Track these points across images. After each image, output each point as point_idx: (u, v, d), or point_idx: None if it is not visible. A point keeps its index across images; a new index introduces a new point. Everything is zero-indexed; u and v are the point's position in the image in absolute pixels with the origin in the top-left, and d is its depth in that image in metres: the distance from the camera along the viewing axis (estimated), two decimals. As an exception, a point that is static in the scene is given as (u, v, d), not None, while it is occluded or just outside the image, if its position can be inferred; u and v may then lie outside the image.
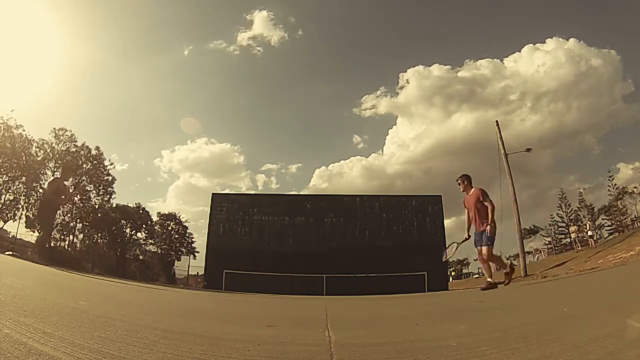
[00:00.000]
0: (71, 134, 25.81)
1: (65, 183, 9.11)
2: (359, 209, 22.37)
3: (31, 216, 25.94)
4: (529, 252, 36.78)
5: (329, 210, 22.16)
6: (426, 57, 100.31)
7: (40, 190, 25.20)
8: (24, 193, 25.01)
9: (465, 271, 54.66)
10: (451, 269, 47.49)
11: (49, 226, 7.56)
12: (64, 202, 7.64)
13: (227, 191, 48.54)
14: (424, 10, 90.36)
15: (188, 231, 33.04)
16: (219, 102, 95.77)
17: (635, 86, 60.54)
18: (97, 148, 26.67)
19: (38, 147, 24.96)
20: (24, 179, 24.46)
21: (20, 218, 25.55)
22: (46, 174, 25.26)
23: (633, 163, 36.86)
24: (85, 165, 26.14)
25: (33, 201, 25.58)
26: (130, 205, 29.65)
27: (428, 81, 77.35)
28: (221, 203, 22.95)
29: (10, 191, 24.57)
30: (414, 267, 19.10)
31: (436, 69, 77.00)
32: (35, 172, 24.63)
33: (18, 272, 3.68)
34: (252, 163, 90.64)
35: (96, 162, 26.51)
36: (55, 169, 25.13)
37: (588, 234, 19.93)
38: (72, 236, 27.71)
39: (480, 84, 75.46)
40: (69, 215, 26.49)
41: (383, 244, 20.90)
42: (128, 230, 29.54)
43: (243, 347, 1.18)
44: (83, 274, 7.49)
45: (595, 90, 66.12)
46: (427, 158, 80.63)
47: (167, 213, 32.98)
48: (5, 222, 25.15)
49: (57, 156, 25.03)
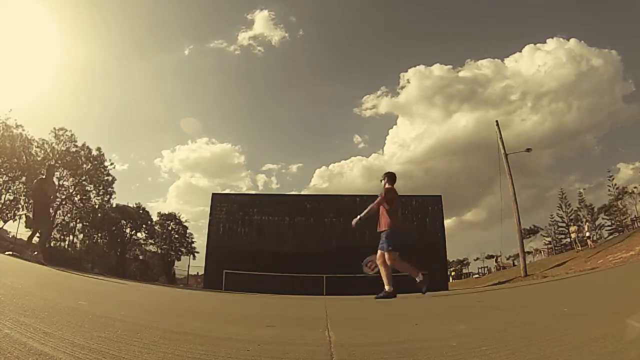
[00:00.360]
0: (71, 134, 25.83)
1: (54, 181, 9.04)
2: (359, 209, 22.01)
3: (31, 216, 25.96)
4: (529, 252, 36.79)
5: (329, 210, 22.14)
6: (427, 57, 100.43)
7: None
8: (24, 193, 25.01)
9: (465, 271, 54.72)
10: (451, 269, 47.51)
11: (44, 225, 7.49)
12: (53, 202, 7.52)
13: (228, 191, 48.59)
14: (425, 10, 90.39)
15: (188, 231, 33.09)
16: (220, 102, 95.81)
17: (635, 86, 60.58)
18: (98, 149, 26.69)
19: (38, 147, 24.97)
20: (24, 179, 24.47)
21: (20, 218, 25.56)
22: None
23: (633, 163, 36.88)
24: (85, 165, 26.15)
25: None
26: (130, 205, 29.69)
27: (429, 81, 77.40)
28: (221, 203, 22.94)
29: (10, 191, 24.58)
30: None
31: (437, 69, 77.06)
32: (35, 172, 24.63)
33: (18, 272, 3.68)
34: (253, 163, 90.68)
35: (96, 162, 26.52)
36: (55, 169, 25.14)
37: (586, 235, 19.93)
38: (72, 236, 27.74)
39: (481, 84, 75.49)
40: (69, 215, 26.51)
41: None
42: (128, 230, 29.55)
43: (243, 347, 1.18)
44: (83, 274, 7.49)
45: (595, 90, 66.14)
46: (428, 158, 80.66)
47: (167, 213, 33.01)
48: (5, 222, 25.15)
49: (57, 156, 25.04)
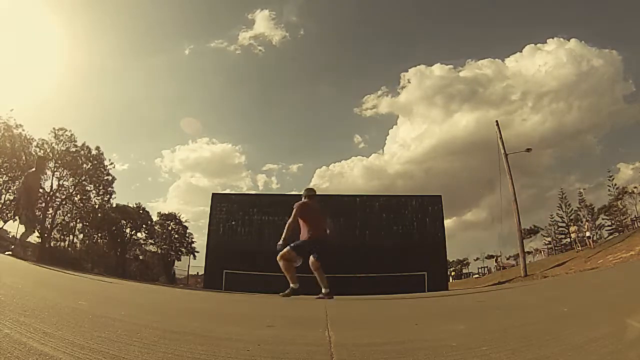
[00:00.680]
0: (71, 134, 25.80)
1: (41, 176, 9.01)
2: (359, 209, 22.35)
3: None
4: (529, 252, 36.80)
5: (329, 210, 22.15)
6: (428, 57, 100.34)
7: (41, 190, 25.21)
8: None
9: (465, 271, 54.75)
10: (451, 269, 47.54)
11: (28, 220, 7.47)
12: (36, 197, 7.43)
13: (228, 191, 48.60)
14: (426, 10, 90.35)
15: (188, 231, 33.10)
16: (220, 102, 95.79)
17: (636, 86, 60.57)
18: (97, 148, 26.66)
19: (38, 147, 24.96)
20: (24, 179, 24.46)
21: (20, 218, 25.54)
22: (46, 174, 25.24)
23: (633, 163, 36.80)
24: (85, 165, 26.14)
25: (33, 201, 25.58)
26: (130, 205, 29.69)
27: (429, 81, 77.38)
28: (221, 203, 22.95)
29: (10, 191, 24.56)
30: (414, 267, 19.09)
31: (437, 69, 77.01)
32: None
33: (18, 272, 3.68)
34: (253, 163, 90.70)
35: (96, 162, 26.51)
36: (55, 169, 25.13)
37: (586, 235, 19.90)
38: (72, 236, 27.74)
39: (481, 84, 75.50)
40: (69, 215, 26.51)
41: (383, 244, 20.88)
42: (128, 230, 29.56)
43: (243, 347, 1.18)
44: (83, 274, 7.49)
45: (596, 90, 66.13)
46: (428, 158, 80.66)
47: (167, 213, 33.01)
48: (5, 222, 25.13)
49: (57, 156, 25.03)
